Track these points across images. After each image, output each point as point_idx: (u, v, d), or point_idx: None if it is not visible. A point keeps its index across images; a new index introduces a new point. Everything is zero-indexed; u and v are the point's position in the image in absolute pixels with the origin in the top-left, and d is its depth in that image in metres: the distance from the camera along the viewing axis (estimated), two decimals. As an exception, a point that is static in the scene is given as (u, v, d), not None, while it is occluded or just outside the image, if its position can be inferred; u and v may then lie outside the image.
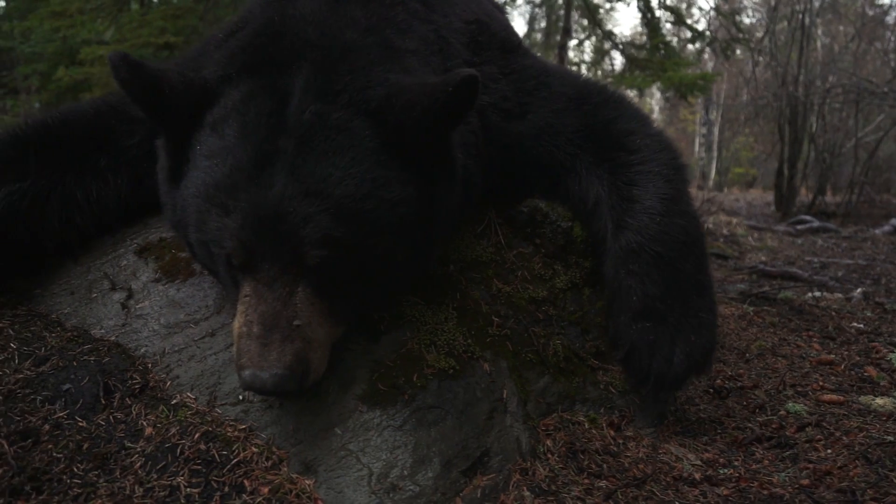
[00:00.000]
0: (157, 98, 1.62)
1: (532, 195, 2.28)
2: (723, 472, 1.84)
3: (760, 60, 16.30)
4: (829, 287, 5.09)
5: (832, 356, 2.71)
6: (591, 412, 2.01)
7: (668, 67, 6.54)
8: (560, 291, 2.18)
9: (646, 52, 7.41)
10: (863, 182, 13.90)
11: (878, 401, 2.22)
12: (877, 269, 6.24)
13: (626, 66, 7.34)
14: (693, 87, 6.70)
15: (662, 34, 7.51)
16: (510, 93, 2.16)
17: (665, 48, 7.05)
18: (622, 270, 1.96)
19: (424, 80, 1.67)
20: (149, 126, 2.12)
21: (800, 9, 15.16)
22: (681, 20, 7.67)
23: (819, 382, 2.42)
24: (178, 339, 1.86)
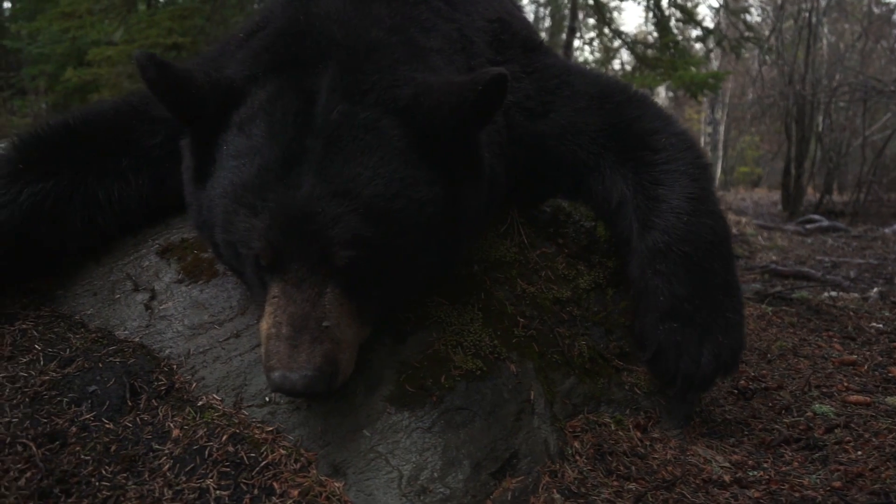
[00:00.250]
0: (184, 98, 1.61)
1: (555, 195, 2.27)
2: (752, 475, 1.82)
3: (766, 59, 16.24)
4: (844, 287, 5.06)
5: (854, 356, 2.69)
6: (617, 413, 1.99)
7: (680, 66, 6.52)
8: (584, 292, 2.16)
9: (655, 51, 7.39)
10: (871, 181, 13.83)
11: (905, 402, 2.20)
12: (889, 269, 6.21)
13: (636, 65, 7.32)
14: (703, 86, 6.68)
15: (673, 33, 7.48)
16: (533, 91, 2.14)
17: (675, 47, 7.03)
18: (649, 271, 1.94)
19: (452, 79, 1.66)
20: (171, 126, 2.11)
21: (806, 7, 15.12)
22: (691, 18, 7.64)
23: (843, 383, 2.39)
24: (203, 341, 1.85)
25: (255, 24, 2.01)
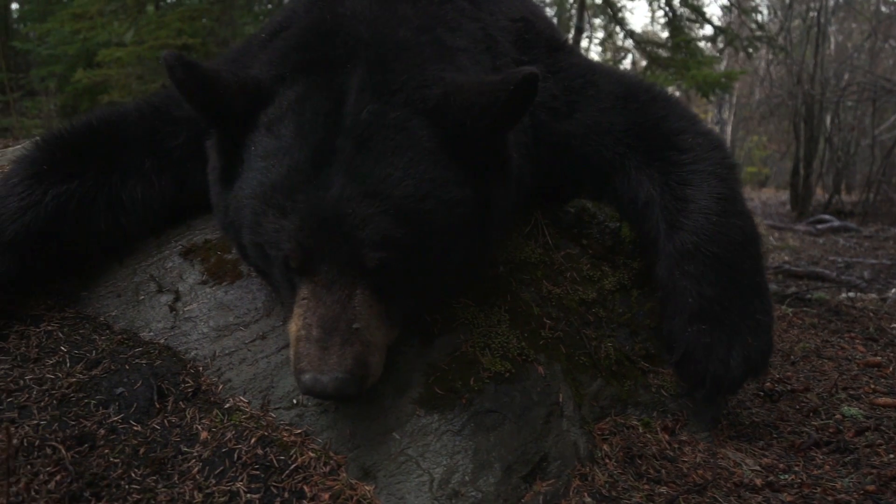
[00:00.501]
0: (212, 98, 1.60)
1: (579, 195, 2.25)
2: (784, 478, 1.80)
3: (773, 58, 16.17)
4: (859, 287, 5.02)
5: (879, 358, 2.66)
6: (644, 416, 1.97)
7: (692, 66, 6.49)
8: (608, 293, 2.14)
9: (667, 51, 7.36)
10: (880, 181, 13.76)
11: (934, 404, 2.17)
12: (903, 269, 6.16)
13: (647, 65, 7.29)
14: (716, 86, 6.65)
15: (686, 33, 7.44)
16: (558, 91, 2.12)
17: (687, 46, 6.99)
18: (677, 272, 1.92)
19: (483, 79, 1.65)
20: (193, 127, 2.10)
21: (815, 6, 15.04)
22: (703, 18, 7.60)
23: (870, 385, 2.37)
24: (229, 342, 1.84)
25: (278, 25, 2.00)
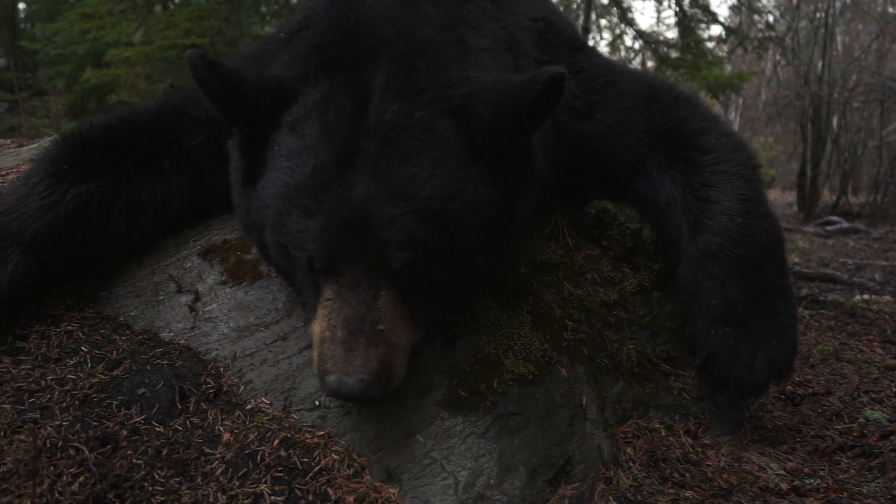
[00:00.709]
0: (235, 97, 1.59)
1: (599, 196, 2.23)
2: (809, 483, 1.78)
3: (780, 59, 16.11)
4: (871, 289, 4.99)
5: (898, 361, 2.64)
6: (667, 419, 1.96)
7: (703, 67, 6.46)
8: (629, 294, 2.13)
9: (677, 51, 7.33)
10: (888, 182, 13.70)
11: (957, 408, 2.15)
12: (915, 272, 6.12)
13: (657, 66, 7.26)
14: (727, 87, 6.62)
15: (697, 33, 7.41)
16: (579, 91, 2.11)
17: (697, 47, 6.97)
18: (700, 273, 1.90)
19: (509, 79, 1.63)
20: (211, 127, 2.09)
21: (822, 7, 14.98)
22: (714, 18, 7.57)
23: (892, 389, 2.34)
24: (249, 343, 1.83)
25: (297, 24, 1.99)
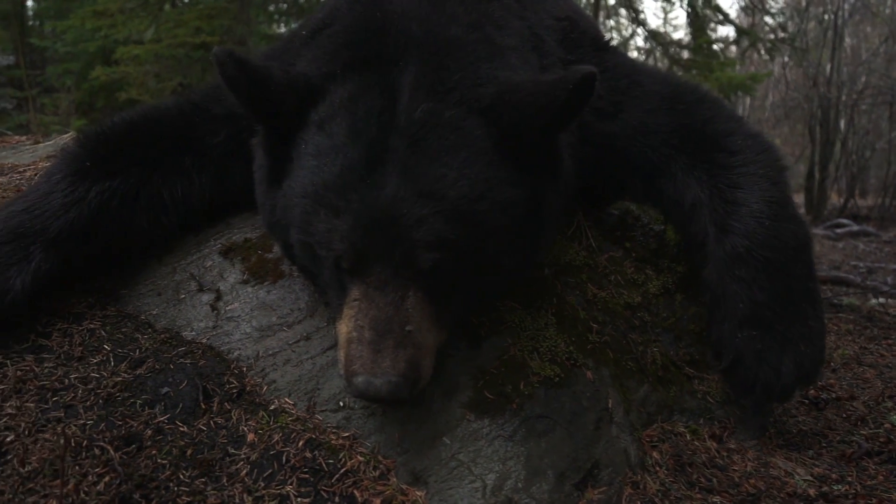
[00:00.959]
0: (262, 95, 1.58)
1: (622, 197, 2.22)
2: (837, 489, 1.76)
3: (787, 61, 16.05)
4: (886, 293, 4.95)
5: (920, 366, 2.61)
6: (691, 423, 1.93)
7: (716, 68, 6.43)
8: (653, 297, 2.11)
9: (690, 52, 7.30)
10: (896, 185, 13.65)
11: (983, 414, 2.12)
12: (928, 275, 6.08)
13: (668, 67, 7.23)
14: (740, 88, 6.58)
15: (708, 34, 7.38)
16: (603, 91, 2.09)
17: (709, 48, 6.93)
18: (727, 276, 1.88)
19: (537, 78, 1.62)
20: (232, 124, 2.08)
21: (831, 9, 14.93)
22: (727, 19, 7.54)
23: (916, 394, 2.32)
24: (272, 343, 1.81)
25: (320, 22, 1.97)
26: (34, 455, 1.47)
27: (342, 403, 1.68)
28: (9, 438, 1.49)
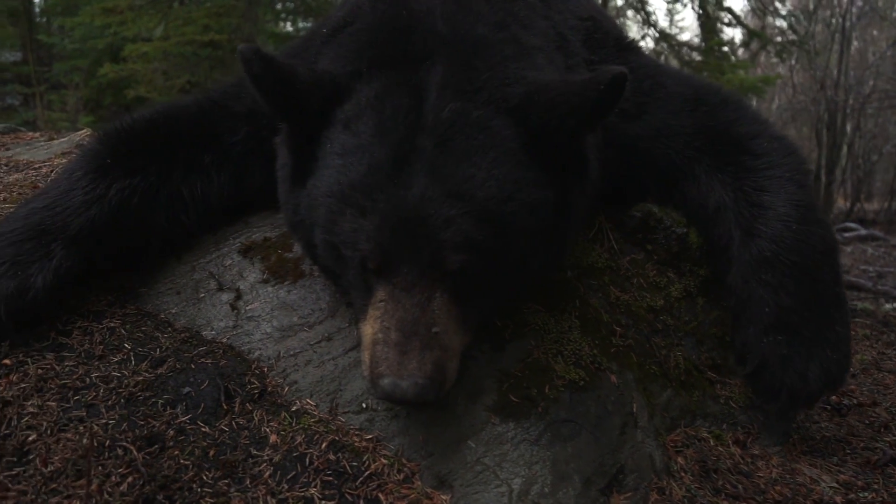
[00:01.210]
0: (288, 93, 1.56)
1: (644, 199, 2.20)
2: (863, 496, 1.74)
3: (794, 64, 16.02)
4: (898, 298, 4.93)
5: (940, 372, 2.59)
6: (715, 428, 1.91)
7: (727, 70, 6.40)
8: (675, 300, 2.09)
9: (700, 54, 7.27)
10: (904, 189, 13.60)
11: None
12: (938, 280, 6.05)
13: (678, 68, 7.21)
14: (752, 90, 6.55)
15: (720, 37, 7.36)
16: (627, 92, 2.05)
17: (720, 50, 6.91)
18: (753, 280, 1.86)
19: (567, 79, 1.60)
20: (252, 123, 2.07)
21: (839, 12, 14.89)
22: (739, 21, 7.51)
23: (938, 400, 2.30)
24: (293, 343, 1.80)
25: (341, 20, 1.95)
26: (56, 455, 1.45)
27: (365, 405, 1.66)
28: (31, 438, 1.48)
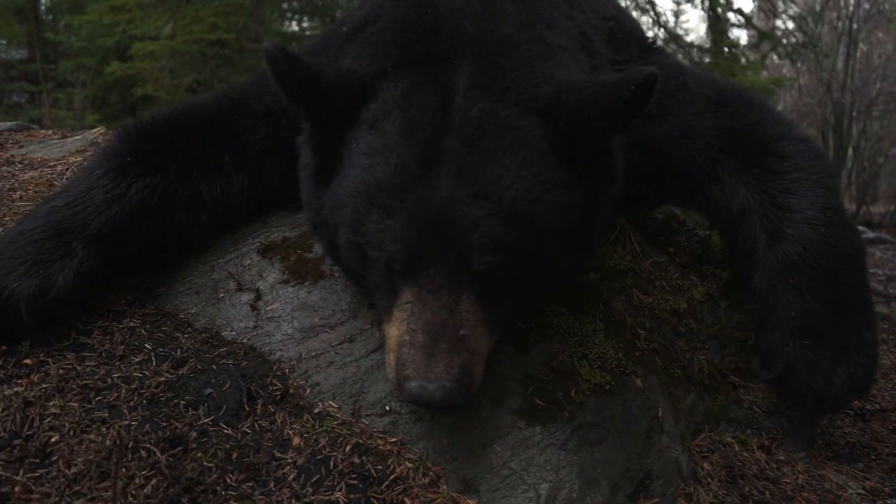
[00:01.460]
0: (313, 92, 1.54)
1: (666, 201, 2.18)
2: (892, 503, 1.72)
3: (801, 66, 15.98)
4: (910, 301, 4.89)
5: (961, 377, 2.56)
6: (739, 433, 1.89)
7: (738, 71, 6.38)
8: (698, 303, 2.07)
9: (710, 55, 7.25)
10: (910, 192, 13.54)
11: None
12: (948, 284, 6.02)
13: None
14: (762, 92, 6.52)
15: (729, 37, 7.33)
16: (652, 93, 2.05)
17: (730, 51, 6.88)
18: (779, 284, 1.84)
19: (596, 79, 1.58)
20: (273, 122, 2.05)
21: (846, 14, 14.85)
22: (749, 22, 7.48)
23: (961, 406, 2.27)
24: (314, 344, 1.78)
25: (362, 19, 1.93)
26: (80, 456, 1.43)
27: (389, 408, 1.65)
28: (53, 439, 1.46)
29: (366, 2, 2.14)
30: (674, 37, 8.14)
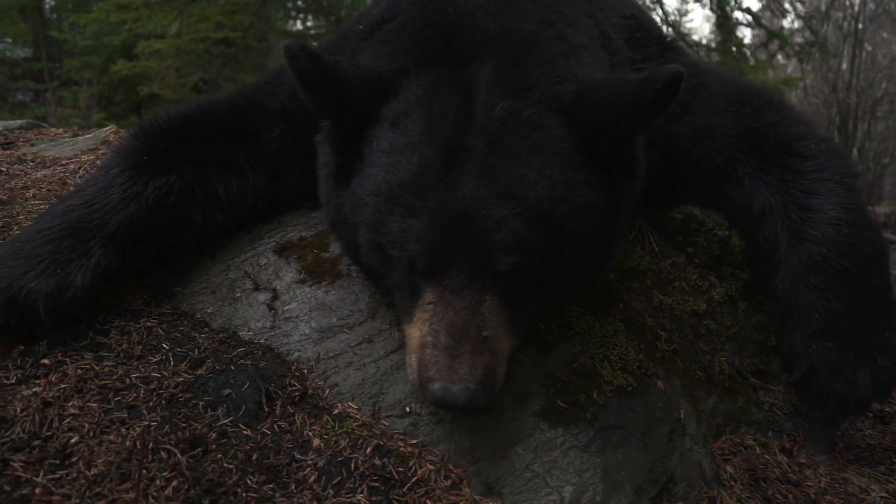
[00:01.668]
0: (334, 90, 1.53)
1: (685, 201, 2.16)
2: (916, 507, 1.70)
3: (806, 67, 15.93)
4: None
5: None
6: (760, 436, 1.88)
7: (748, 71, 6.35)
8: (717, 304, 2.05)
9: (719, 54, 7.22)
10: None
11: None
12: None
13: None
14: (773, 91, 6.48)
15: (737, 36, 7.31)
16: (673, 92, 2.03)
17: (739, 50, 6.85)
18: (801, 285, 1.82)
19: (620, 77, 1.56)
20: (288, 120, 2.04)
21: (851, 14, 14.81)
22: (758, 22, 7.45)
23: (981, 409, 2.25)
24: (332, 345, 1.77)
25: (378, 17, 1.92)
26: (100, 457, 1.42)
27: (409, 409, 1.63)
28: (73, 440, 1.45)
29: (380, 0, 2.13)
30: (681, 35, 8.11)
